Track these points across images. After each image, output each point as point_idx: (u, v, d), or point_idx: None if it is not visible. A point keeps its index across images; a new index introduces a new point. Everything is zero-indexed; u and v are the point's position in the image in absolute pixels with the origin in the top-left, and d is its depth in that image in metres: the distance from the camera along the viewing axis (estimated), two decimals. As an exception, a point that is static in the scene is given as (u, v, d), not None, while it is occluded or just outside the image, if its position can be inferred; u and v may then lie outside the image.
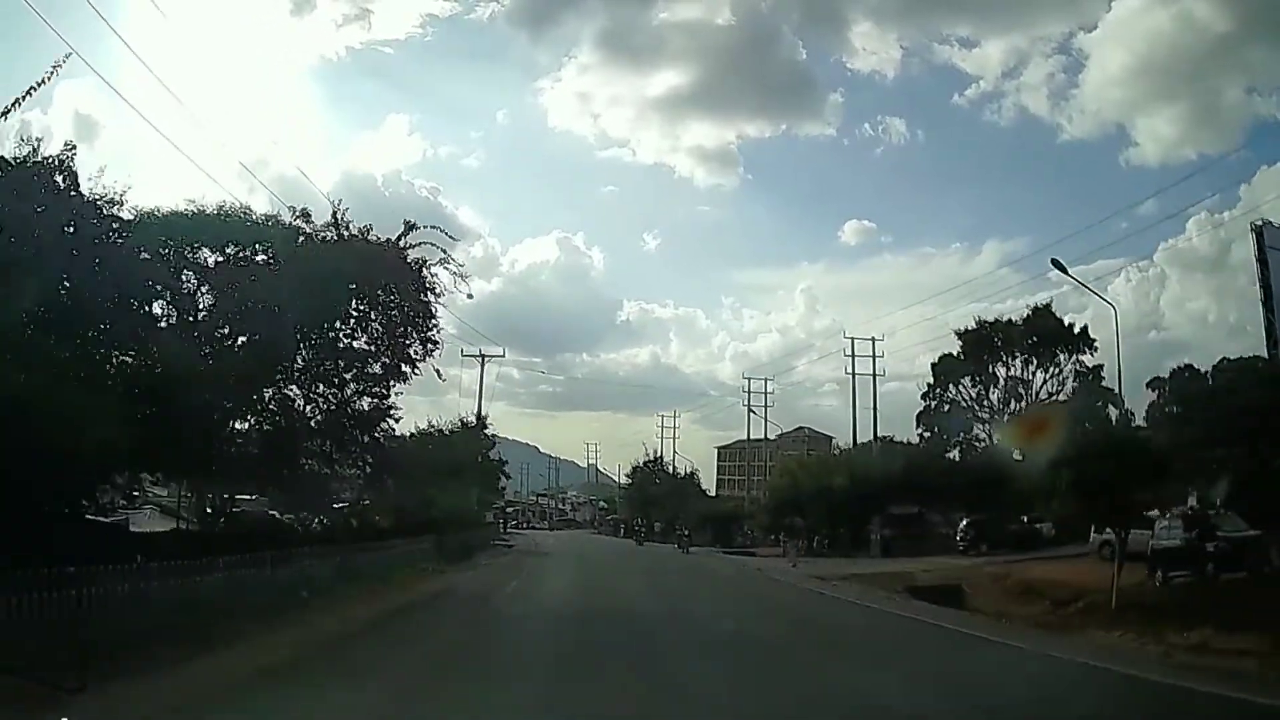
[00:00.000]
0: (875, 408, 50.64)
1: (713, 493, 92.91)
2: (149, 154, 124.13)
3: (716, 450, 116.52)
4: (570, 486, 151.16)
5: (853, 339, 51.07)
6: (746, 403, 67.73)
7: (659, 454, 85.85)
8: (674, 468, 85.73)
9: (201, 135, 70.33)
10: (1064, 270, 31.06)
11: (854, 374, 50.31)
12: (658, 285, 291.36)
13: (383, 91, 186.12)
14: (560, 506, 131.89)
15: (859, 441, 52.21)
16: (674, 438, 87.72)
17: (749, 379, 70.08)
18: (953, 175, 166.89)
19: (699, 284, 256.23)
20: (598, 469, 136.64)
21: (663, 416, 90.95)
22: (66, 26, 16.04)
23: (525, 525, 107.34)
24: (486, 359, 47.71)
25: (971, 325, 50.51)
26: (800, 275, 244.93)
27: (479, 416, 46.44)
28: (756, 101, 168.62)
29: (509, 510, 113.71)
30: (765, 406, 66.97)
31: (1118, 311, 42.51)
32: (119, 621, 10.84)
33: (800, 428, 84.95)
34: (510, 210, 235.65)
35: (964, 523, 37.80)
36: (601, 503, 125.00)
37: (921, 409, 52.04)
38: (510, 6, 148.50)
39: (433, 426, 41.92)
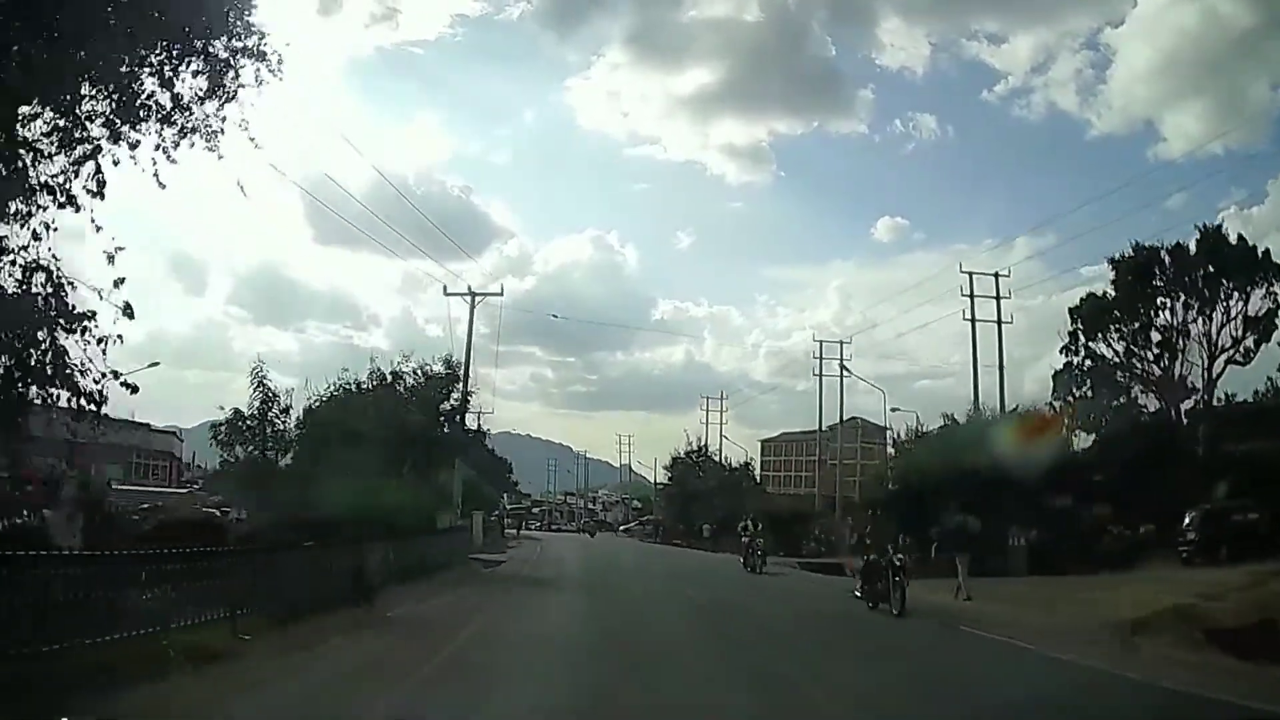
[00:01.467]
0: (1001, 363, 37.92)
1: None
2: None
3: (760, 444, 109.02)
4: (602, 486, 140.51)
5: (971, 274, 38.19)
6: (818, 370, 55.12)
7: (703, 443, 72.26)
8: (721, 458, 71.59)
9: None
10: None
11: (974, 319, 37.41)
12: (691, 283, 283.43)
13: (413, 91, 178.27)
14: (590, 506, 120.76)
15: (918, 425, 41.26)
16: (721, 423, 74.02)
17: (821, 342, 56.14)
18: (984, 171, 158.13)
19: (732, 281, 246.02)
20: (630, 467, 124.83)
21: (707, 399, 76.69)
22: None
23: (549, 526, 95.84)
24: (479, 298, 35.52)
25: (1128, 252, 37.64)
26: (833, 272, 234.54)
27: (465, 365, 31.66)
28: (787, 98, 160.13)
29: (534, 510, 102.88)
30: (840, 376, 54.27)
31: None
32: None
33: (853, 418, 72.26)
34: (542, 208, 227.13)
35: (1187, 519, 24.94)
36: (635, 502, 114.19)
37: (1059, 368, 39.23)
38: (539, 6, 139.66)
39: (377, 374, 27.29)
